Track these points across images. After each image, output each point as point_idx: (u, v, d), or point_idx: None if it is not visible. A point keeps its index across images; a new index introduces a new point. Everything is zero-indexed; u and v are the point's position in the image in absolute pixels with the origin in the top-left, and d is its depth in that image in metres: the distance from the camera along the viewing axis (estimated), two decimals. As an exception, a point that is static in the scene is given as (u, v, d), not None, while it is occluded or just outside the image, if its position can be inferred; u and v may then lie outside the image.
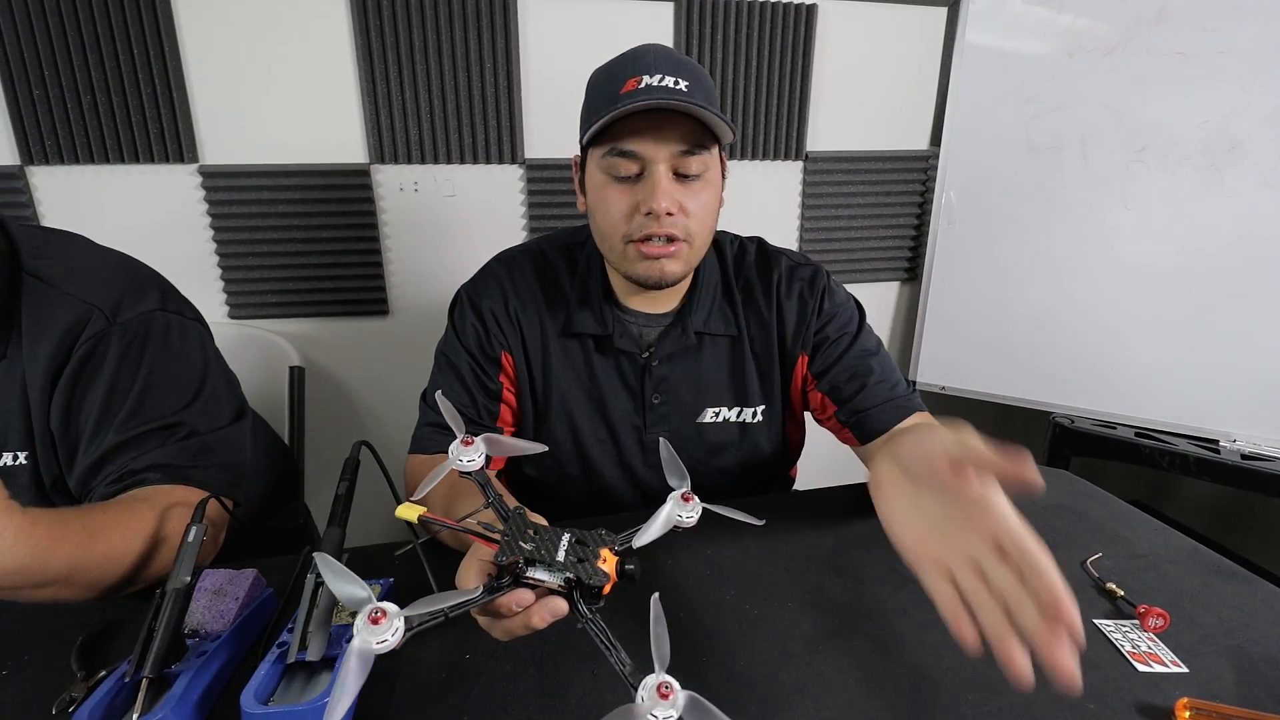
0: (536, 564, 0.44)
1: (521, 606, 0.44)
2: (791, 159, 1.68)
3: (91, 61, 1.28)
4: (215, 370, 0.81)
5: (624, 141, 0.71)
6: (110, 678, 0.50)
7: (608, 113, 0.68)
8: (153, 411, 0.71)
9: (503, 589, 0.44)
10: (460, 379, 0.83)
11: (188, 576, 0.53)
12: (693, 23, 1.51)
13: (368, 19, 1.36)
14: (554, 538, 0.46)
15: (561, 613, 0.45)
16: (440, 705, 0.51)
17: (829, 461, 1.09)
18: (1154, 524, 0.80)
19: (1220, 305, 1.43)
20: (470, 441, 0.49)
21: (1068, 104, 1.52)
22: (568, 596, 0.45)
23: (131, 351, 0.72)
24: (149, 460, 0.69)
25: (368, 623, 0.37)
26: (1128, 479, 2.00)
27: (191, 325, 0.80)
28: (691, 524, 0.50)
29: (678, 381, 0.86)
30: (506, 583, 0.44)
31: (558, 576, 0.44)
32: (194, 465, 0.71)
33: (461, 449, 0.48)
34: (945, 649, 0.57)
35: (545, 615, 0.44)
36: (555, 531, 0.47)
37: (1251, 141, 1.36)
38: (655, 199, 0.71)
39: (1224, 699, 0.52)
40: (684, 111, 0.69)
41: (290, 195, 1.43)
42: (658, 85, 0.69)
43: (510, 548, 0.45)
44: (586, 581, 0.44)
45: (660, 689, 0.37)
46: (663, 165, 0.72)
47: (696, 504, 0.51)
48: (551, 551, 0.45)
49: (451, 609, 0.42)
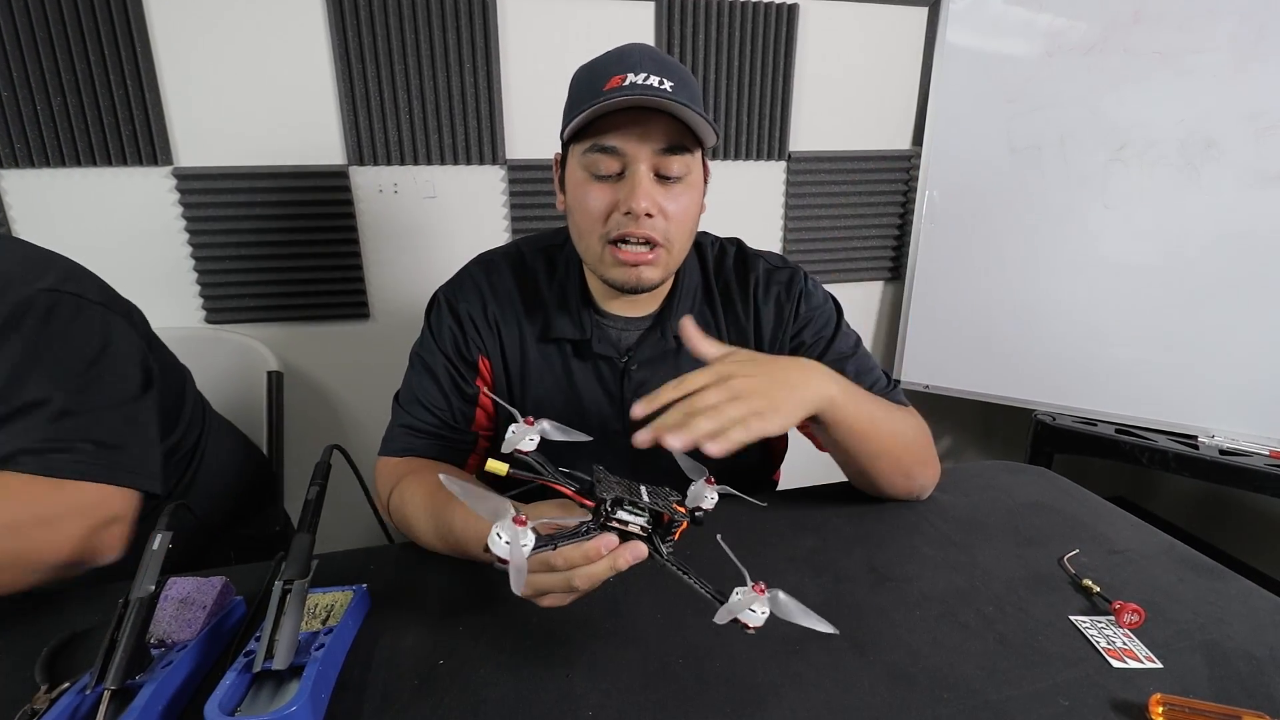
0: (624, 505, 0.48)
1: (610, 549, 0.47)
2: (774, 159, 1.68)
3: (62, 62, 1.25)
4: (119, 354, 0.75)
5: (606, 138, 0.70)
6: (71, 689, 0.49)
7: (590, 107, 0.68)
8: (20, 391, 0.67)
9: (593, 532, 0.47)
10: (436, 381, 0.82)
11: (151, 585, 0.52)
12: (674, 22, 1.51)
13: (345, 17, 1.34)
14: (635, 485, 0.51)
15: (642, 554, 0.48)
16: (412, 712, 0.51)
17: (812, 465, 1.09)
18: (1131, 520, 0.80)
19: (1198, 303, 1.45)
20: (532, 421, 0.51)
21: (1047, 104, 1.54)
22: (647, 540, 0.48)
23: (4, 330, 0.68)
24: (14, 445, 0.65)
25: (512, 524, 0.42)
26: (1109, 475, 2.02)
27: (92, 308, 0.74)
28: (712, 505, 0.53)
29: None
30: (596, 526, 0.48)
31: (641, 518, 0.48)
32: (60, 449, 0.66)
33: (523, 428, 0.51)
34: (923, 648, 0.57)
35: (629, 556, 0.48)
36: (634, 483, 0.51)
37: (1227, 140, 1.38)
38: (635, 198, 0.70)
39: (1198, 694, 0.52)
40: (667, 111, 0.69)
41: (267, 198, 1.41)
42: (642, 83, 0.68)
43: (609, 485, 0.48)
44: (671, 517, 0.48)
45: (754, 588, 0.43)
46: (644, 164, 0.71)
47: (715, 488, 0.54)
48: (637, 494, 0.49)
49: (560, 539, 0.46)
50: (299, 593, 0.53)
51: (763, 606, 0.43)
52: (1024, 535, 0.76)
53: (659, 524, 0.49)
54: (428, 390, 0.82)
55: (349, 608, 0.59)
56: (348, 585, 0.62)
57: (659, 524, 0.49)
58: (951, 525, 0.77)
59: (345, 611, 0.58)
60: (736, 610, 0.43)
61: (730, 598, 0.44)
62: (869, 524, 0.78)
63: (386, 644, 0.58)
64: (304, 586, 0.54)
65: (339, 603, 0.60)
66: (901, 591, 0.65)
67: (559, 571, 0.49)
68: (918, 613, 0.62)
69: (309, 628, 0.56)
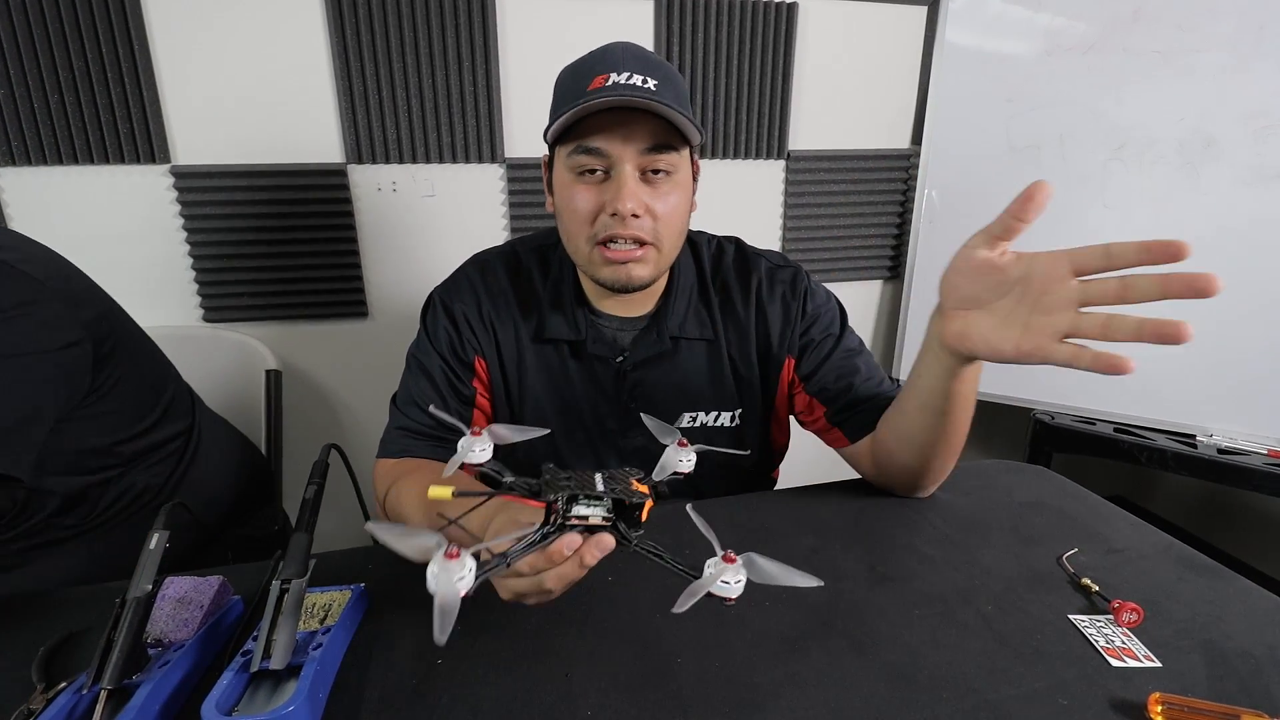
0: (579, 499, 0.46)
1: (573, 549, 0.45)
2: (774, 158, 1.68)
3: (59, 60, 1.25)
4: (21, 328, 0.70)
5: (590, 139, 0.70)
6: (68, 689, 0.49)
7: (572, 108, 0.68)
8: None
9: (552, 535, 0.45)
10: (432, 382, 0.82)
11: (148, 585, 0.51)
12: (673, 21, 1.50)
13: (343, 15, 1.34)
14: (588, 476, 0.48)
15: (609, 546, 0.46)
16: (410, 712, 0.51)
17: (811, 463, 1.09)
18: (1130, 520, 0.80)
19: (1197, 302, 1.43)
20: (479, 432, 0.49)
21: (1046, 103, 1.54)
22: (612, 529, 0.47)
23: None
24: None
25: (444, 559, 0.38)
26: (1109, 474, 2.02)
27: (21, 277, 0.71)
28: (690, 469, 0.52)
29: (654, 386, 0.85)
30: (553, 528, 0.46)
31: (600, 508, 0.46)
32: None
33: (472, 440, 0.48)
34: (922, 647, 0.57)
35: (595, 551, 0.46)
36: (586, 473, 0.49)
37: (1226, 139, 1.38)
38: (621, 200, 0.70)
39: (1196, 692, 0.52)
40: (651, 110, 0.69)
41: (265, 196, 1.40)
42: (625, 83, 0.68)
43: (554, 486, 0.46)
44: (629, 501, 0.46)
45: (725, 558, 0.41)
46: (629, 165, 0.71)
47: (690, 449, 0.53)
48: (590, 486, 0.47)
49: (513, 554, 0.44)
50: (296, 592, 0.53)
51: (736, 575, 0.41)
52: (1023, 534, 0.76)
53: (623, 509, 0.47)
54: (424, 392, 0.82)
55: (346, 607, 0.59)
56: (345, 585, 0.62)
57: (623, 509, 0.47)
58: (951, 524, 0.77)
59: (343, 611, 0.58)
60: (708, 585, 0.41)
61: (704, 572, 0.42)
62: (868, 523, 0.78)
63: (384, 643, 0.58)
64: (302, 586, 0.54)
65: (337, 602, 0.59)
66: (901, 590, 0.65)
67: (527, 576, 0.49)
68: (917, 612, 0.62)
69: (306, 627, 0.56)
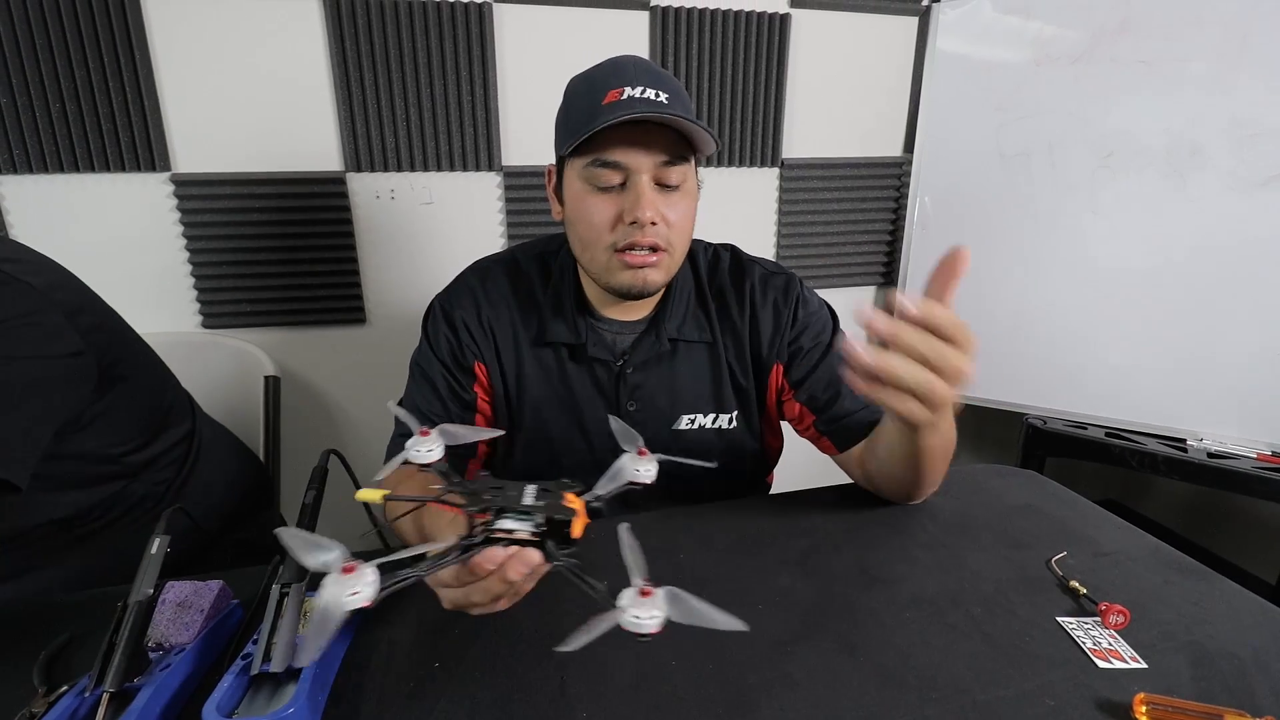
0: (505, 513, 0.44)
1: (495, 564, 0.44)
2: (767, 166, 1.69)
3: (61, 68, 1.26)
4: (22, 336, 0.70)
5: (608, 152, 0.72)
6: (70, 692, 0.49)
7: (594, 124, 0.69)
8: None
9: (475, 548, 0.44)
10: (434, 389, 0.83)
11: (150, 589, 0.52)
12: (668, 32, 1.52)
13: (342, 25, 1.35)
14: (518, 488, 0.47)
15: (534, 562, 0.44)
16: (408, 715, 0.51)
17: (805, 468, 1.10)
18: (1119, 523, 0.81)
19: (1186, 307, 1.47)
20: (427, 432, 0.48)
21: (1036, 111, 1.56)
22: (541, 545, 0.45)
23: None
24: None
25: (339, 574, 0.35)
26: (1101, 478, 2.04)
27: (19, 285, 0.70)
28: (650, 480, 0.51)
29: (653, 389, 0.86)
30: (478, 541, 0.44)
31: (528, 523, 0.44)
32: None
33: (419, 440, 0.47)
34: (912, 649, 0.58)
35: (520, 567, 0.44)
36: (518, 484, 0.47)
37: (1212, 147, 1.40)
38: (640, 209, 0.72)
39: (1181, 693, 0.53)
40: (669, 124, 0.71)
41: (265, 204, 1.42)
42: (640, 97, 0.70)
43: (477, 499, 0.45)
44: (555, 518, 0.44)
45: (641, 591, 0.38)
46: (646, 175, 0.73)
47: (651, 459, 0.51)
48: (517, 499, 0.45)
49: (428, 568, 0.42)
50: (296, 596, 0.54)
51: (650, 611, 0.37)
52: (1013, 538, 0.77)
53: (553, 524, 0.45)
54: (426, 398, 0.83)
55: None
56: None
57: (553, 524, 0.45)
58: (942, 528, 0.78)
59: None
60: (615, 618, 0.38)
61: (618, 602, 0.38)
62: (861, 526, 0.79)
63: (383, 647, 0.58)
64: (301, 590, 0.54)
65: (336, 606, 0.60)
66: (892, 593, 0.66)
67: (455, 588, 0.49)
68: (908, 614, 0.63)
69: (306, 630, 0.56)
